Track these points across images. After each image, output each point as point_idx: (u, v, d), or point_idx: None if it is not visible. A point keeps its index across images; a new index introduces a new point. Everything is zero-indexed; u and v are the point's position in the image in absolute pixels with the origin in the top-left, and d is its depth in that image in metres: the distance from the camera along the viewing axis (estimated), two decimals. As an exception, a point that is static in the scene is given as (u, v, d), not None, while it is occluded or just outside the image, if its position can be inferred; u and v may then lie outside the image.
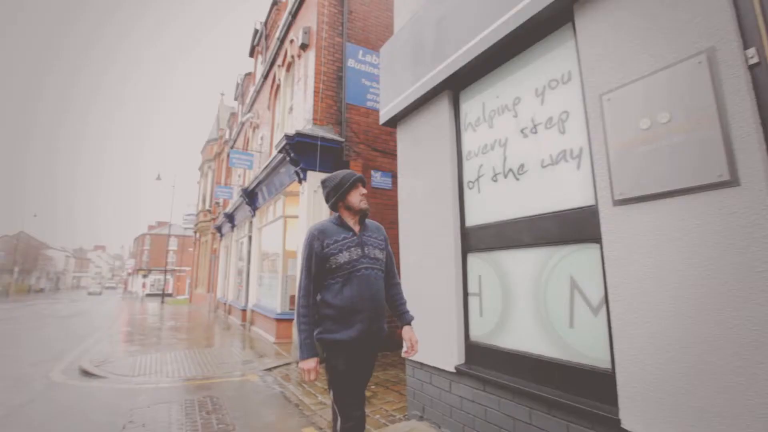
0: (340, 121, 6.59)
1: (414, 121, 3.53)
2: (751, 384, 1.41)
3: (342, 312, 1.86)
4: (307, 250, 1.90)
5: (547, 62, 2.43)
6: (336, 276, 1.89)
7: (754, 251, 1.44)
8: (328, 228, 1.96)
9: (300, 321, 1.84)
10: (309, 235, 1.94)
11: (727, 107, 1.55)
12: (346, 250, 1.92)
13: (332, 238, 1.92)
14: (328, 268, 1.89)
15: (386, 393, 4.15)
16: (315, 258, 1.89)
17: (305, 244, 1.92)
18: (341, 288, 1.89)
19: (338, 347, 1.86)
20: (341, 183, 2.02)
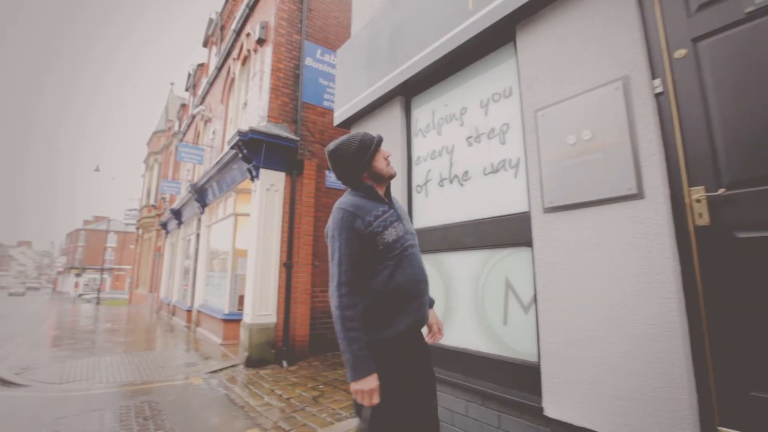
0: (295, 119, 6.52)
1: (367, 124, 3.60)
2: (647, 371, 1.62)
3: (395, 302, 1.50)
4: (347, 232, 1.47)
5: (491, 76, 2.60)
6: (385, 259, 1.51)
7: (654, 256, 1.65)
8: (362, 203, 1.55)
9: (347, 328, 1.38)
10: (344, 215, 1.49)
11: (637, 129, 1.77)
12: (391, 227, 1.55)
13: (372, 214, 1.53)
14: (374, 251, 1.50)
15: (334, 392, 4.18)
16: (359, 241, 1.48)
17: (340, 226, 1.48)
18: (393, 272, 1.51)
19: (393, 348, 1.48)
20: (365, 146, 1.61)
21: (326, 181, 6.56)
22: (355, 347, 1.37)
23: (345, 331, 1.39)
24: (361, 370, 1.35)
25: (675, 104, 1.75)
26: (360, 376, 1.35)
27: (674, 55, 1.78)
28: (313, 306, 6.15)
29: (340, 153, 1.62)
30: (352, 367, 1.36)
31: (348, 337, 1.38)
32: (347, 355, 1.37)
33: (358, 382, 1.35)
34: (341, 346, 1.39)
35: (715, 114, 1.64)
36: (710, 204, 1.61)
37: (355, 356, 1.36)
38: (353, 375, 1.36)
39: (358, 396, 1.37)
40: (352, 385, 1.37)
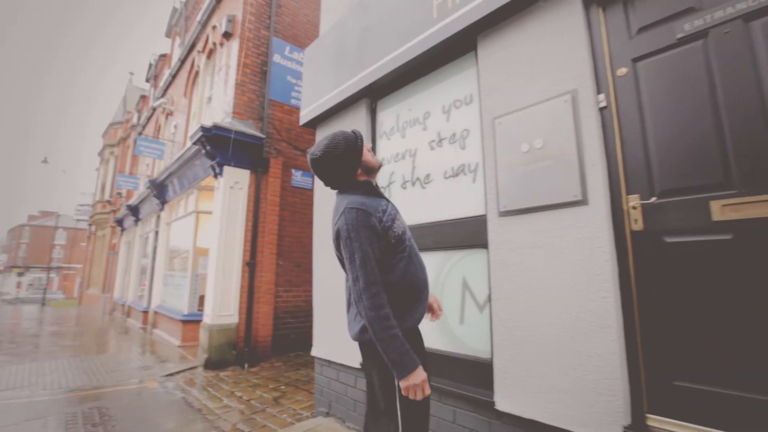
0: (262, 116, 6.41)
1: (333, 125, 3.61)
2: (587, 365, 1.74)
3: (411, 294, 1.54)
4: (365, 231, 1.44)
5: (453, 83, 2.69)
6: (398, 252, 1.53)
7: (595, 258, 1.78)
8: (367, 200, 1.53)
9: (387, 326, 1.36)
10: (358, 214, 1.46)
11: (583, 140, 1.90)
12: (397, 219, 1.58)
13: (379, 210, 1.53)
14: (387, 246, 1.51)
15: (296, 392, 4.16)
16: (377, 238, 1.47)
17: (357, 226, 1.44)
18: (407, 265, 1.54)
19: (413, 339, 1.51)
20: (351, 143, 1.58)
21: (292, 180, 6.50)
22: (398, 344, 1.36)
23: (386, 329, 1.36)
24: (410, 364, 1.35)
25: (616, 118, 1.89)
26: (410, 370, 1.34)
27: (617, 73, 1.93)
28: (277, 306, 6.08)
29: (329, 156, 1.56)
30: (401, 364, 1.34)
31: (390, 335, 1.36)
32: (393, 354, 1.35)
33: (410, 377, 1.34)
34: (383, 347, 1.36)
35: (650, 128, 1.79)
36: (644, 211, 1.76)
37: (402, 353, 1.35)
38: (404, 371, 1.34)
39: (411, 392, 1.35)
40: (403, 382, 1.34)
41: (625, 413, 1.65)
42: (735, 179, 1.56)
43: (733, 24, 1.63)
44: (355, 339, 1.57)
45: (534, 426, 1.90)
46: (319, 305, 3.50)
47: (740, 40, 1.60)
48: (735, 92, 1.59)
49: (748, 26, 1.60)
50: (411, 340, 1.47)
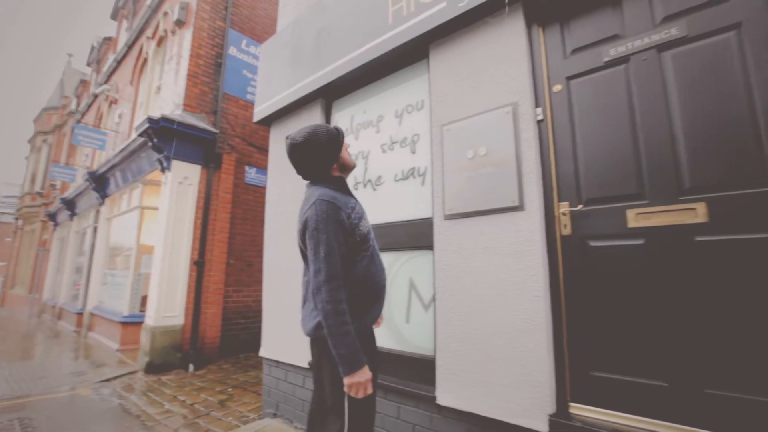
0: (215, 110, 6.19)
1: (288, 123, 3.58)
2: (520, 360, 1.87)
3: (369, 294, 1.57)
4: (333, 224, 1.45)
5: (407, 89, 2.77)
6: (361, 251, 1.55)
7: (529, 260, 1.91)
8: (338, 195, 1.55)
9: (342, 321, 1.38)
10: (328, 207, 1.47)
11: (521, 149, 2.03)
12: (363, 219, 1.61)
13: (348, 206, 1.55)
14: (353, 243, 1.52)
15: (243, 395, 4.06)
16: (344, 233, 1.48)
17: (326, 218, 1.45)
18: (368, 265, 1.57)
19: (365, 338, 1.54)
20: (333, 137, 1.61)
21: (246, 177, 6.33)
22: (350, 340, 1.38)
23: (340, 325, 1.38)
24: (357, 362, 1.37)
25: (551, 131, 2.05)
26: (356, 368, 1.37)
27: (553, 89, 2.09)
28: (226, 306, 5.89)
29: (310, 144, 1.57)
30: (348, 361, 1.36)
31: (344, 331, 1.38)
32: (342, 350, 1.36)
33: (355, 375, 1.37)
34: (333, 342, 1.37)
35: (579, 142, 1.96)
36: (572, 217, 1.93)
37: (351, 349, 1.37)
38: (350, 368, 1.36)
39: (353, 389, 1.38)
40: (348, 379, 1.37)
41: (551, 402, 1.79)
42: (647, 191, 1.75)
43: (649, 53, 1.83)
44: (308, 335, 1.56)
45: (471, 418, 2.01)
46: (268, 305, 3.45)
47: (654, 67, 1.80)
48: (649, 113, 1.78)
49: (661, 56, 1.80)
50: (363, 339, 1.49)
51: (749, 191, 1.52)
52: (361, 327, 1.52)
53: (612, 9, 1.98)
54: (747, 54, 1.59)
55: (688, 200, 1.64)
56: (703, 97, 1.66)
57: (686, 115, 1.69)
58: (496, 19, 2.24)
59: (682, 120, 1.70)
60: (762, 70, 1.55)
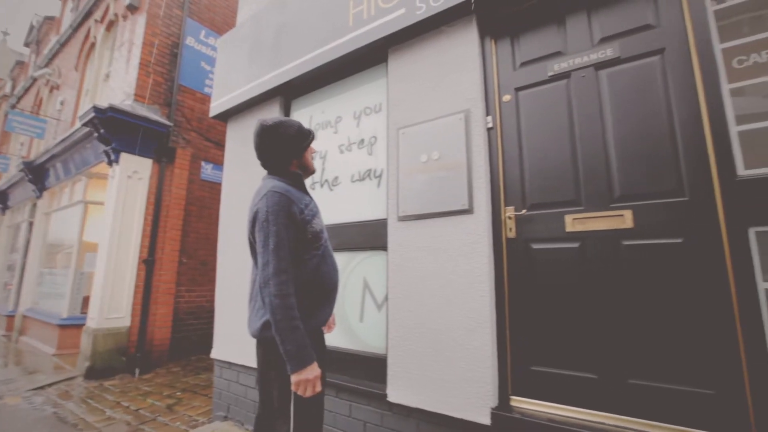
0: (169, 102, 5.91)
1: (245, 120, 3.51)
2: (466, 357, 1.96)
3: (319, 294, 1.53)
4: (284, 217, 1.42)
5: (365, 91, 2.80)
6: (312, 249, 1.52)
7: (476, 261, 2.00)
8: (292, 190, 1.52)
9: (290, 316, 1.34)
10: (281, 199, 1.44)
11: (472, 155, 2.12)
12: (317, 217, 1.59)
13: (302, 202, 1.52)
14: (303, 240, 1.49)
15: (193, 398, 3.92)
16: (294, 227, 1.45)
17: (277, 210, 1.42)
18: (319, 263, 1.53)
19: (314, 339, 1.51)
20: (304, 134, 1.63)
21: (202, 173, 6.10)
22: (299, 335, 1.34)
23: (288, 319, 1.34)
24: (306, 358, 1.34)
25: (500, 138, 2.16)
26: (305, 365, 1.33)
27: (503, 99, 2.20)
28: (177, 307, 5.65)
29: (280, 131, 1.57)
30: (296, 357, 1.33)
31: (292, 325, 1.34)
32: (290, 346, 1.33)
33: (303, 372, 1.33)
34: (281, 337, 1.33)
35: (525, 150, 2.08)
36: (517, 221, 2.04)
37: (300, 345, 1.34)
38: (298, 365, 1.33)
39: (301, 387, 1.34)
40: (296, 376, 1.33)
41: (493, 397, 1.89)
42: (583, 198, 1.88)
43: (587, 70, 1.98)
44: (254, 335, 1.52)
45: (420, 414, 2.08)
46: (221, 305, 3.36)
47: (592, 83, 1.95)
48: (586, 126, 1.92)
49: (597, 73, 1.95)
50: (313, 340, 1.46)
51: (668, 201, 1.68)
52: (311, 329, 1.49)
53: (557, 28, 2.12)
54: (668, 77, 1.76)
55: (618, 207, 1.79)
56: (631, 113, 1.82)
57: (617, 129, 1.84)
58: (452, 29, 2.32)
59: (614, 133, 1.85)
60: (680, 91, 1.72)
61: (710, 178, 1.60)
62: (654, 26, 1.84)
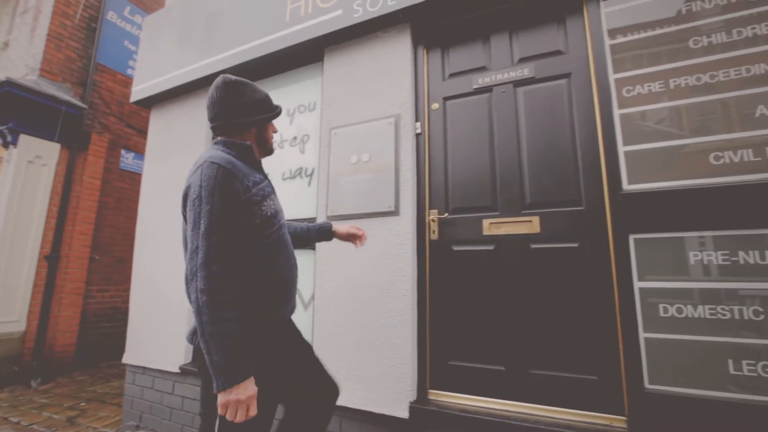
0: (85, 82, 5.34)
1: (171, 109, 3.29)
2: (388, 354, 2.02)
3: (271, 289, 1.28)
4: (221, 195, 1.15)
5: (300, 89, 2.78)
6: (262, 236, 1.25)
7: (401, 261, 2.08)
8: (238, 164, 1.25)
9: (218, 318, 1.08)
10: (219, 172, 1.17)
11: (400, 159, 2.20)
12: (269, 198, 1.31)
13: (250, 179, 1.25)
14: (250, 224, 1.22)
15: (101, 408, 3.57)
16: (236, 208, 1.18)
17: (213, 185, 1.15)
18: (270, 253, 1.27)
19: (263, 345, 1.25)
20: (269, 104, 1.41)
21: (122, 162, 5.59)
22: (228, 343, 1.07)
23: (215, 323, 1.07)
24: (237, 373, 1.07)
25: (427, 144, 2.26)
26: (235, 382, 1.07)
27: (432, 107, 2.31)
28: (87, 308, 5.12)
29: (246, 90, 1.36)
30: (224, 372, 1.06)
31: (219, 331, 1.07)
32: (217, 356, 1.06)
33: (233, 390, 1.06)
34: (207, 344, 1.07)
35: (449, 157, 2.20)
36: (440, 224, 2.15)
37: (230, 356, 1.07)
38: (226, 382, 1.06)
39: (230, 408, 1.07)
40: (223, 396, 1.06)
41: (412, 391, 1.97)
42: (498, 204, 2.04)
43: (507, 86, 2.14)
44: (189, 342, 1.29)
45: (343, 411, 2.10)
46: (137, 304, 3.12)
47: (510, 99, 2.12)
48: (504, 137, 2.09)
49: (516, 90, 2.12)
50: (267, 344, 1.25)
51: (568, 209, 1.88)
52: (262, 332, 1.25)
53: (483, 44, 2.27)
54: (573, 98, 1.97)
55: (528, 214, 1.97)
56: (542, 129, 2.01)
57: (530, 143, 2.02)
58: (388, 35, 2.39)
59: (527, 146, 2.03)
60: (581, 112, 1.93)
61: (602, 190, 1.82)
62: (564, 52, 2.05)
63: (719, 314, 1.55)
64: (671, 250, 1.66)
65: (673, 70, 1.78)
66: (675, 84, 1.76)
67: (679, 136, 1.73)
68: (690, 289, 1.61)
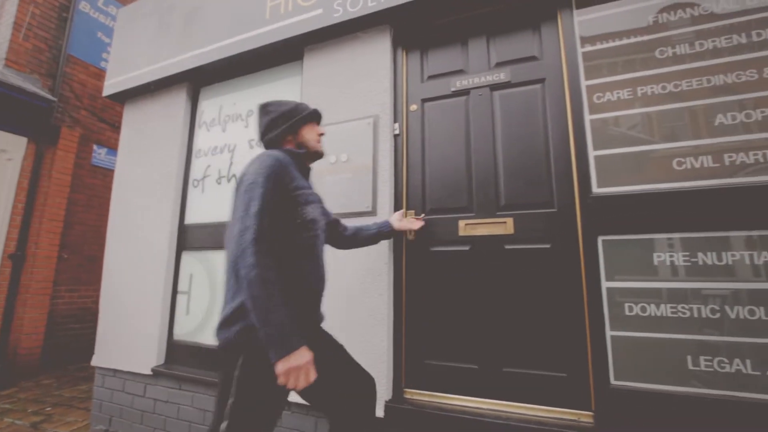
0: (55, 74, 5.14)
1: (146, 104, 3.21)
2: (365, 351, 2.02)
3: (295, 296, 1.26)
4: (274, 183, 1.24)
5: (279, 87, 2.75)
6: (298, 238, 1.31)
7: (378, 261, 2.09)
8: (290, 165, 1.36)
9: (270, 293, 1.11)
10: (275, 163, 1.28)
11: (378, 159, 2.21)
12: (313, 204, 1.38)
13: (298, 181, 1.34)
14: (290, 221, 1.28)
15: (67, 413, 3.45)
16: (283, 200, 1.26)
17: (268, 174, 1.24)
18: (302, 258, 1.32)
19: None
20: (296, 110, 1.53)
21: (93, 158, 5.40)
22: (282, 314, 1.11)
23: (268, 296, 1.11)
24: (293, 340, 1.11)
25: (405, 145, 2.28)
26: (292, 349, 1.10)
27: (410, 108, 2.33)
28: (55, 309, 4.93)
29: (269, 108, 1.53)
30: (280, 341, 1.10)
31: (272, 303, 1.11)
32: (272, 327, 1.10)
33: (291, 358, 1.09)
34: (261, 316, 1.10)
35: (427, 158, 2.23)
36: (417, 224, 2.17)
37: (284, 325, 1.11)
38: (284, 349, 1.09)
39: (291, 377, 1.10)
40: (282, 364, 1.09)
41: (388, 390, 1.99)
42: (474, 205, 2.08)
43: (484, 90, 2.18)
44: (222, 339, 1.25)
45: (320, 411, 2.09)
46: (107, 304, 3.02)
47: (487, 102, 2.16)
48: (480, 140, 2.12)
49: (492, 94, 2.17)
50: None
51: (541, 211, 1.93)
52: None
53: (461, 48, 2.30)
54: (547, 103, 2.02)
55: (502, 215, 2.01)
56: (517, 132, 2.06)
57: (505, 145, 2.07)
58: (368, 36, 2.39)
59: (502, 148, 2.07)
60: (554, 117, 1.99)
61: (573, 193, 1.88)
62: (538, 58, 2.10)
63: (680, 313, 1.62)
64: (636, 251, 1.73)
65: (639, 79, 1.85)
66: (642, 92, 1.84)
67: (645, 142, 1.80)
68: (653, 288, 1.68)
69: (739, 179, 1.62)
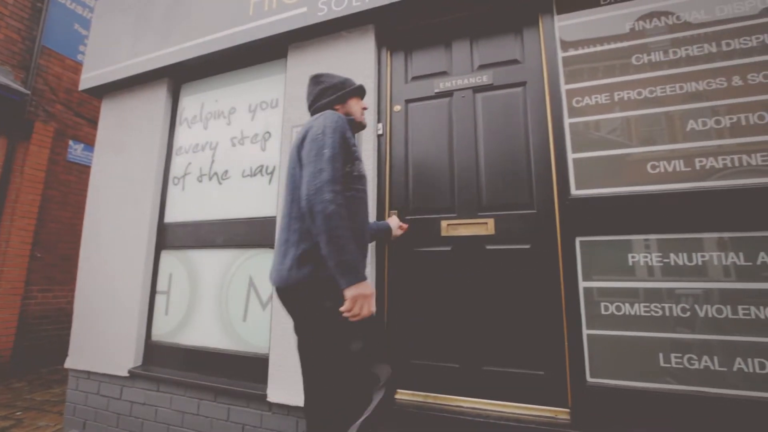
0: (28, 66, 4.96)
1: (125, 100, 3.13)
2: (345, 353, 2.02)
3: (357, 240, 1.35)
4: (340, 136, 1.37)
5: (262, 85, 2.72)
6: (356, 190, 1.45)
7: (361, 261, 2.09)
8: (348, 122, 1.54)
9: (343, 226, 1.22)
10: (340, 119, 1.42)
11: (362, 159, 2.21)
12: (362, 163, 1.55)
13: (354, 140, 1.51)
14: (349, 173, 1.42)
15: (39, 417, 3.34)
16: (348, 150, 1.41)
17: (335, 127, 1.37)
18: (357, 207, 1.45)
19: None
20: (346, 82, 1.66)
21: (69, 154, 5.24)
22: (354, 245, 1.23)
23: (343, 228, 1.21)
24: (361, 271, 1.24)
25: (389, 145, 2.29)
26: (362, 278, 1.22)
27: (394, 108, 2.34)
28: (26, 310, 4.76)
29: (320, 79, 1.65)
30: (352, 269, 1.21)
31: (346, 235, 1.22)
32: (345, 256, 1.20)
33: (360, 286, 1.21)
34: (336, 246, 1.20)
35: (410, 159, 2.24)
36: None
37: (356, 255, 1.23)
38: (352, 277, 1.20)
39: (357, 303, 1.20)
40: (352, 290, 1.19)
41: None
42: (456, 205, 2.10)
43: (467, 92, 2.21)
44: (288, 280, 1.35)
45: (299, 411, 2.08)
46: (82, 305, 2.93)
47: (469, 104, 2.18)
48: (463, 141, 2.15)
49: (475, 96, 2.19)
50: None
51: (521, 212, 1.97)
52: None
53: (444, 50, 2.32)
54: (528, 106, 2.06)
55: (483, 216, 2.04)
56: (498, 134, 2.09)
57: (487, 147, 2.09)
58: (352, 35, 2.39)
59: (484, 150, 2.10)
60: (535, 120, 2.02)
61: (552, 194, 1.92)
62: (520, 62, 2.14)
63: (652, 311, 1.67)
64: (612, 251, 1.77)
65: (617, 84, 1.90)
66: (619, 97, 1.89)
67: (621, 146, 1.85)
68: (628, 288, 1.73)
69: (710, 183, 1.68)
